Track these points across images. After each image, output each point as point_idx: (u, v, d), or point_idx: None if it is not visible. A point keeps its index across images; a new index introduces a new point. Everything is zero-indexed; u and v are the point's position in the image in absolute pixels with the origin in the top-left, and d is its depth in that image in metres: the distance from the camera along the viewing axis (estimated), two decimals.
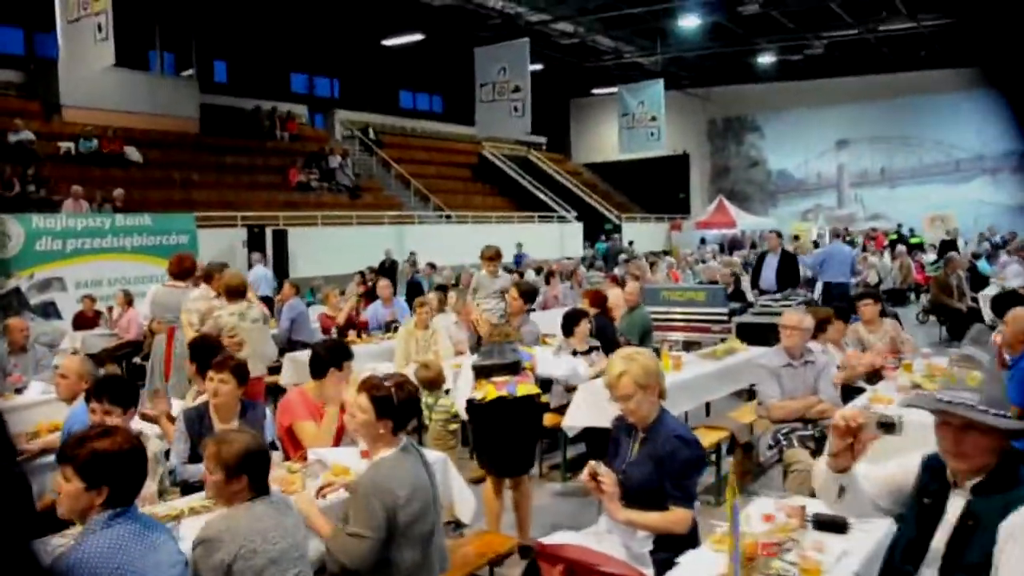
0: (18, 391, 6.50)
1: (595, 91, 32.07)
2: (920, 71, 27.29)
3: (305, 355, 8.10)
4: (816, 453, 5.04)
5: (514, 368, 4.74)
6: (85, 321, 11.51)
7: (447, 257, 17.68)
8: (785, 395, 5.27)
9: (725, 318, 9.64)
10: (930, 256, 20.14)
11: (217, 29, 21.59)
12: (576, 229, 26.52)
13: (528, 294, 6.73)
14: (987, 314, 12.80)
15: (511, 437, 4.74)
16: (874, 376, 6.11)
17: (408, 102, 30.03)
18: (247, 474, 2.78)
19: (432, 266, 15.74)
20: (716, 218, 27.55)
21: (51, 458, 4.63)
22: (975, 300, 13.35)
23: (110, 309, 11.69)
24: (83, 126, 17.60)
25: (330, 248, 17.42)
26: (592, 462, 3.22)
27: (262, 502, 2.81)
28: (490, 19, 22.34)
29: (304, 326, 9.58)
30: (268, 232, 16.83)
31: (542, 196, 28.08)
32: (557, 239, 24.61)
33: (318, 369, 4.31)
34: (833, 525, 3.14)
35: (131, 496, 2.55)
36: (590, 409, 5.93)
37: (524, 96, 18.12)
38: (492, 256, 7.88)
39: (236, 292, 6.44)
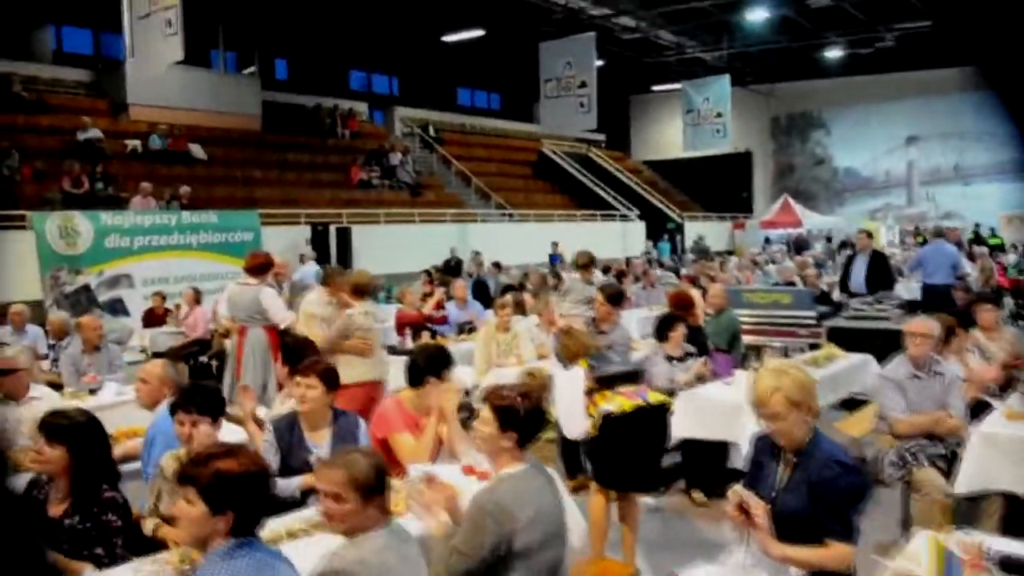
0: (92, 392, 6.35)
1: (655, 88, 31.49)
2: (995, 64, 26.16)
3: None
4: (947, 474, 4.61)
5: (634, 377, 4.38)
6: (154, 319, 11.45)
7: (511, 256, 17.35)
8: (910, 409, 4.83)
9: (814, 322, 9.14)
10: (1011, 257, 19.25)
11: (278, 27, 21.60)
12: (639, 228, 26.01)
13: (615, 297, 6.35)
14: None
15: (647, 449, 4.39)
16: (1001, 388, 5.63)
17: (466, 99, 29.82)
18: (382, 494, 2.52)
19: (497, 265, 15.41)
20: (781, 217, 26.80)
21: (131, 466, 4.40)
22: None
23: (177, 307, 11.61)
24: (149, 124, 17.69)
25: (393, 246, 17.21)
26: (739, 490, 2.85)
27: (387, 531, 2.51)
28: (553, 13, 22.01)
29: None
30: (332, 230, 16.70)
31: (603, 194, 27.62)
32: (620, 238, 24.13)
33: (415, 377, 4.00)
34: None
35: (256, 523, 2.30)
36: (691, 419, 5.57)
37: (590, 91, 17.71)
38: (587, 263, 7.49)
39: (364, 291, 6.13)
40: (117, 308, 12.90)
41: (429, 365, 3.99)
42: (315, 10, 21.27)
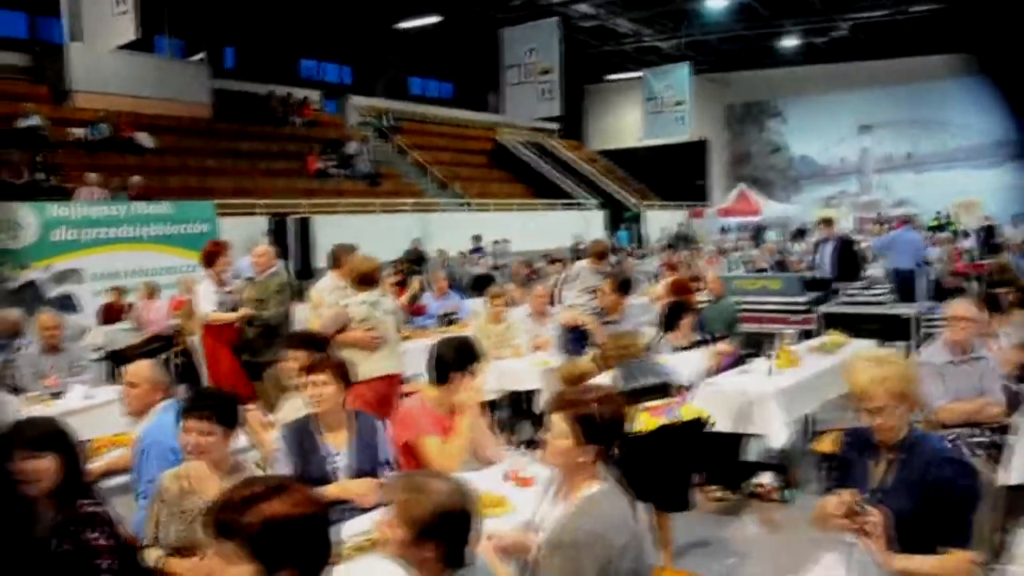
0: (55, 395, 5.80)
1: (611, 76, 31.25)
2: (947, 54, 26.51)
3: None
4: (993, 461, 4.39)
5: (665, 389, 3.98)
6: (113, 314, 10.84)
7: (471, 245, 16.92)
8: (950, 396, 4.58)
9: (804, 307, 8.94)
10: (966, 243, 19.44)
11: (227, 14, 20.80)
12: (598, 217, 25.78)
13: (624, 284, 6.02)
14: None
15: (677, 470, 4.01)
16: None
17: (418, 88, 29.22)
18: (444, 541, 2.02)
19: (464, 255, 15.02)
20: (739, 206, 26.80)
21: (116, 480, 3.92)
22: None
23: (129, 306, 11.00)
24: (94, 111, 16.82)
25: (354, 237, 16.50)
26: (849, 495, 2.52)
27: None
28: (511, 0, 21.61)
29: None
30: (290, 220, 16.07)
31: (561, 183, 27.31)
32: (581, 226, 23.85)
33: (440, 373, 3.59)
34: None
35: None
36: (713, 412, 5.24)
37: (553, 78, 17.42)
38: (601, 252, 7.09)
39: (368, 279, 5.55)
40: (66, 305, 12.14)
41: (456, 359, 3.59)
42: None
